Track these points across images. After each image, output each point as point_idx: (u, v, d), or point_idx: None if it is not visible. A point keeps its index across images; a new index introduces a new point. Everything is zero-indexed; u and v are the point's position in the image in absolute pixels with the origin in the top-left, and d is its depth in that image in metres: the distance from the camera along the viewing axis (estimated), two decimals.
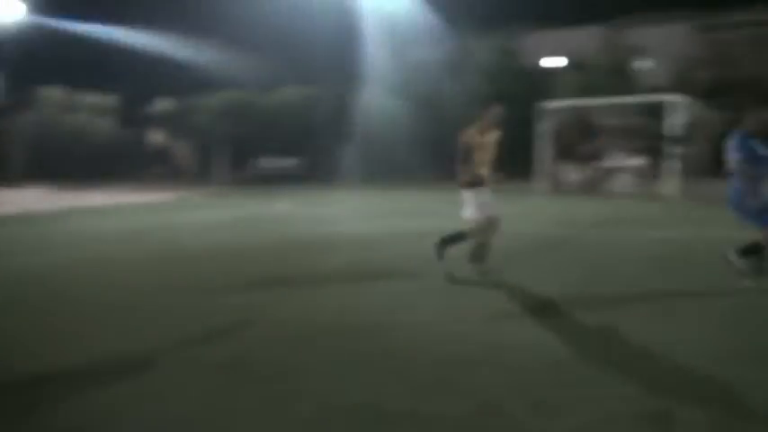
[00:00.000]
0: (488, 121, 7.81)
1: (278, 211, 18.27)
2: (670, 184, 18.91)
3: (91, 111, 42.68)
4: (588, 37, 33.46)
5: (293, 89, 35.43)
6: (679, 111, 19.52)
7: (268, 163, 37.15)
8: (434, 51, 31.04)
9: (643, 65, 32.99)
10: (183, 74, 36.93)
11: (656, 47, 34.62)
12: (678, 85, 27.53)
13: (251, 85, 36.33)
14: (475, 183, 7.75)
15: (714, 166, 22.55)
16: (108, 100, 43.82)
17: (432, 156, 30.13)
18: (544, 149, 21.87)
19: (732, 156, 7.29)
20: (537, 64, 31.62)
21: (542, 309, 6.39)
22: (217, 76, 35.54)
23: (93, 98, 43.24)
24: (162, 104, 43.33)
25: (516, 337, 5.43)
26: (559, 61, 29.58)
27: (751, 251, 7.33)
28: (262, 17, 34.15)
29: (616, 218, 14.49)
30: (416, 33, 31.44)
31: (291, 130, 34.92)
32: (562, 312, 6.23)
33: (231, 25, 35.89)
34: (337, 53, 32.21)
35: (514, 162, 25.01)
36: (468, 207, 7.78)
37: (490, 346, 5.18)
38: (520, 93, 26.66)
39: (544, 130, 21.83)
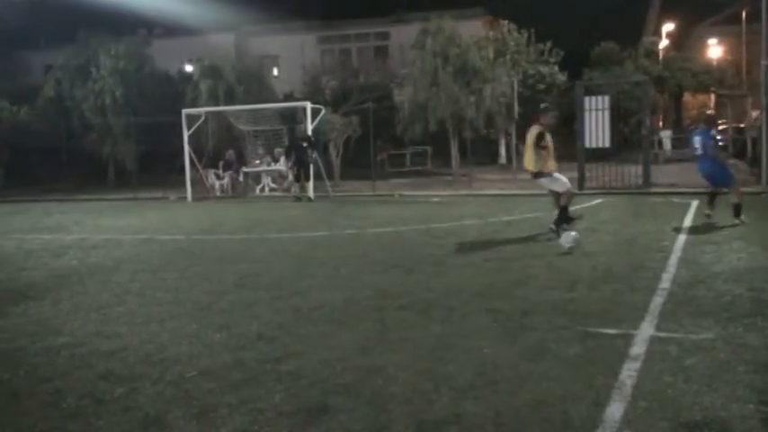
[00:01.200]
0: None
1: None
2: (308, 187, 20.07)
3: None
4: (221, 44, 34.06)
5: None
6: (311, 117, 20.77)
7: None
8: (61, 54, 29.14)
9: (274, 72, 34.49)
10: None
11: (285, 55, 36.50)
12: (308, 92, 29.32)
13: None
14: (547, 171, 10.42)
15: (347, 167, 24.54)
16: None
17: (69, 164, 28.32)
18: (189, 156, 21.81)
19: (705, 143, 11.26)
20: (175, 70, 31.32)
21: (194, 315, 6.54)
22: None
23: None
24: None
25: (171, 347, 5.53)
26: (194, 67, 29.64)
27: (736, 210, 10.97)
28: None
29: (262, 221, 15.03)
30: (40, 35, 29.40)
31: None
32: (214, 318, 6.43)
33: None
34: None
35: (162, 170, 24.76)
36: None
37: (146, 360, 5.23)
38: (160, 98, 26.24)
39: (188, 137, 21.76)
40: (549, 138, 10.54)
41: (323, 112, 22.04)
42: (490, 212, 14.16)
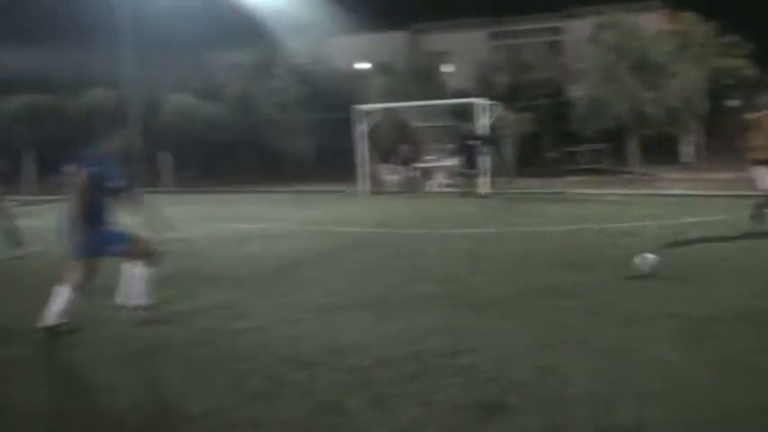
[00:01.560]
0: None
1: None
2: (483, 183, 20.01)
3: None
4: (393, 41, 34.63)
5: (102, 91, 33.33)
6: (484, 113, 20.69)
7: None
8: (244, 53, 30.82)
9: (446, 69, 34.62)
10: None
11: (456, 52, 36.53)
12: (480, 89, 29.18)
13: (53, 86, 33.81)
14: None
15: (520, 164, 24.24)
16: None
17: (249, 158, 29.87)
18: (363, 151, 22.37)
19: None
20: (347, 67, 32.24)
21: (371, 306, 6.68)
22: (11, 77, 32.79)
23: None
24: None
25: (349, 336, 5.67)
26: (367, 65, 30.38)
27: None
28: (58, 14, 32.47)
29: (434, 217, 15.11)
30: (225, 35, 31.16)
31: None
32: (390, 310, 6.54)
33: (22, 22, 33.77)
34: (142, 55, 31.03)
35: (336, 164, 25.61)
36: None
37: (325, 347, 5.39)
38: (335, 95, 27.08)
39: (362, 133, 22.33)
40: None
41: (499, 108, 21.89)
42: (673, 213, 13.44)
